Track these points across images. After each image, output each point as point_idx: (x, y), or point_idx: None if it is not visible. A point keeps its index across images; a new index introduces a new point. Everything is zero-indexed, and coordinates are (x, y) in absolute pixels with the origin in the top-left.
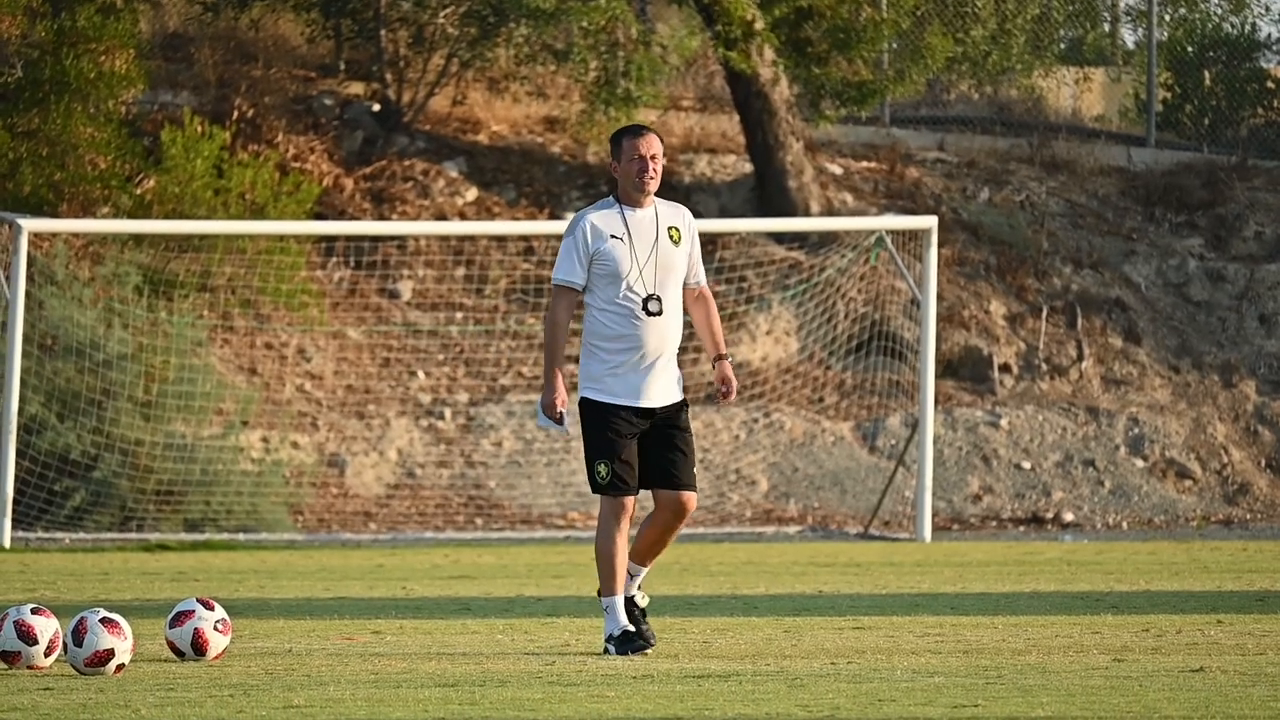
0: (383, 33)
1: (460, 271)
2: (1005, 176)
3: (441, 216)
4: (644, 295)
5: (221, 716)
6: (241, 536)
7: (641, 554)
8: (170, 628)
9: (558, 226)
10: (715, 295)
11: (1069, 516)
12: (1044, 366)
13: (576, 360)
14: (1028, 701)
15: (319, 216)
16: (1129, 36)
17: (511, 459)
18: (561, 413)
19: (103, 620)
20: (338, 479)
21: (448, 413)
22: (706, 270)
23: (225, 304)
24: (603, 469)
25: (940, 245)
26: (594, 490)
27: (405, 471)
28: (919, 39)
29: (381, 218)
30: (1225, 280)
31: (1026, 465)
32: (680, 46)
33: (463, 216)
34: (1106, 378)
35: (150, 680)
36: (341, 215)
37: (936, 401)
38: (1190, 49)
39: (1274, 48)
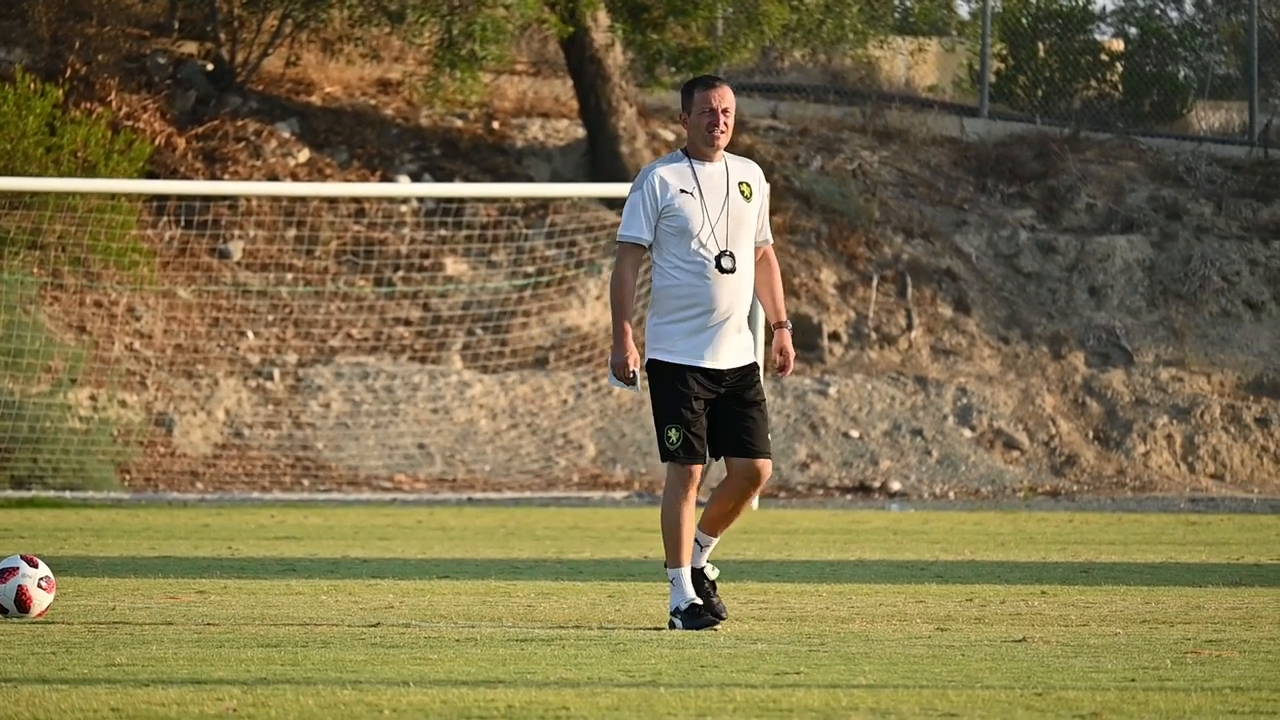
0: None
1: (291, 232)
2: (838, 145)
3: (273, 177)
4: (716, 252)
5: (43, 674)
6: (68, 494)
7: (713, 523)
8: None
9: (389, 189)
10: (545, 260)
11: (896, 485)
12: (873, 335)
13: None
14: (850, 670)
15: (150, 175)
16: (963, 7)
17: (339, 420)
18: (634, 372)
19: None
20: (165, 438)
21: (276, 373)
22: (537, 234)
23: (55, 261)
24: (673, 434)
25: (771, 212)
26: (664, 457)
27: (233, 431)
28: (754, 6)
29: (213, 177)
30: (1056, 252)
31: (854, 434)
32: (520, 6)
33: (294, 177)
34: (936, 347)
35: None
36: (173, 174)
37: (765, 369)
38: (1024, 20)
39: (1107, 20)
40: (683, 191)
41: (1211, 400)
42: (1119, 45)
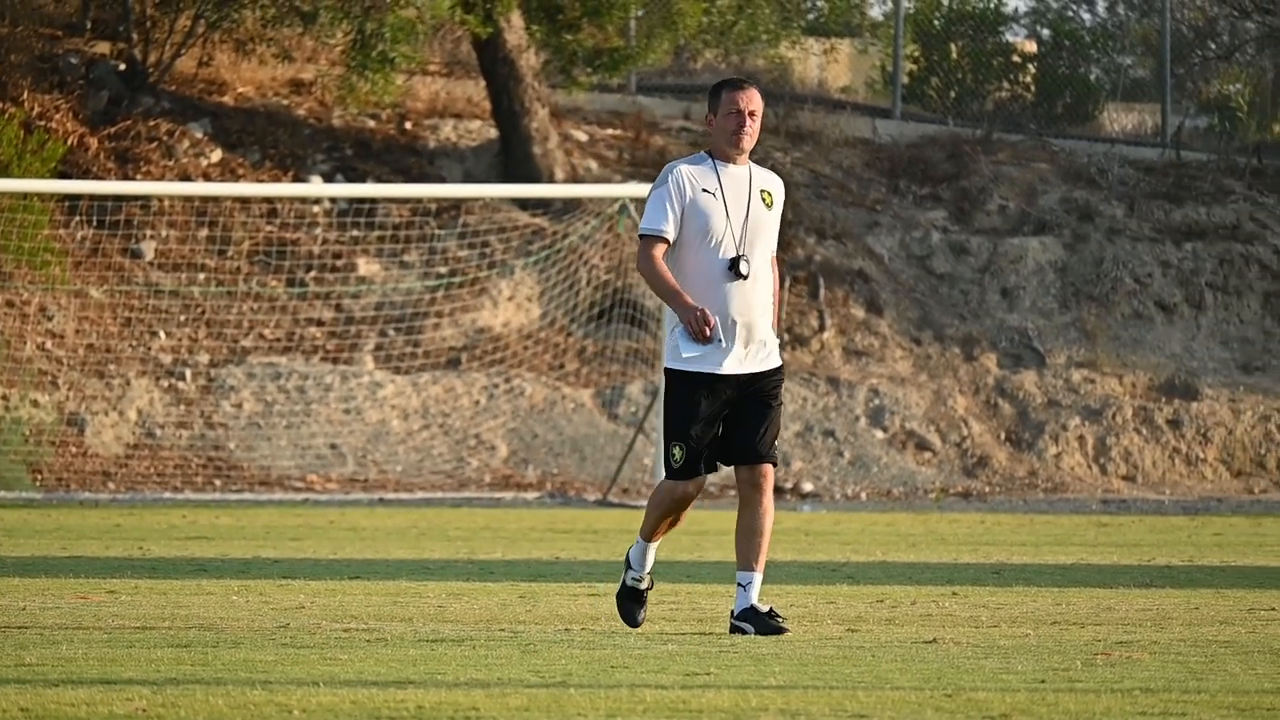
0: None
1: (203, 233)
2: None
3: (186, 177)
4: (732, 256)
5: None
6: None
7: (747, 558)
8: None
9: (301, 189)
10: (457, 261)
11: (808, 486)
12: (786, 336)
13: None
14: (760, 670)
15: (63, 175)
16: (876, 8)
17: (251, 420)
18: (714, 326)
19: None
20: (77, 438)
21: (188, 373)
22: (450, 235)
23: None
24: (677, 452)
25: None
26: (667, 473)
27: (145, 431)
28: (668, 6)
29: (126, 177)
30: (968, 253)
31: None
32: (432, 8)
33: (207, 177)
34: (848, 349)
35: None
36: (86, 174)
37: None
38: (937, 22)
39: (1020, 22)
40: (705, 191)
41: (1123, 402)
42: (1031, 47)
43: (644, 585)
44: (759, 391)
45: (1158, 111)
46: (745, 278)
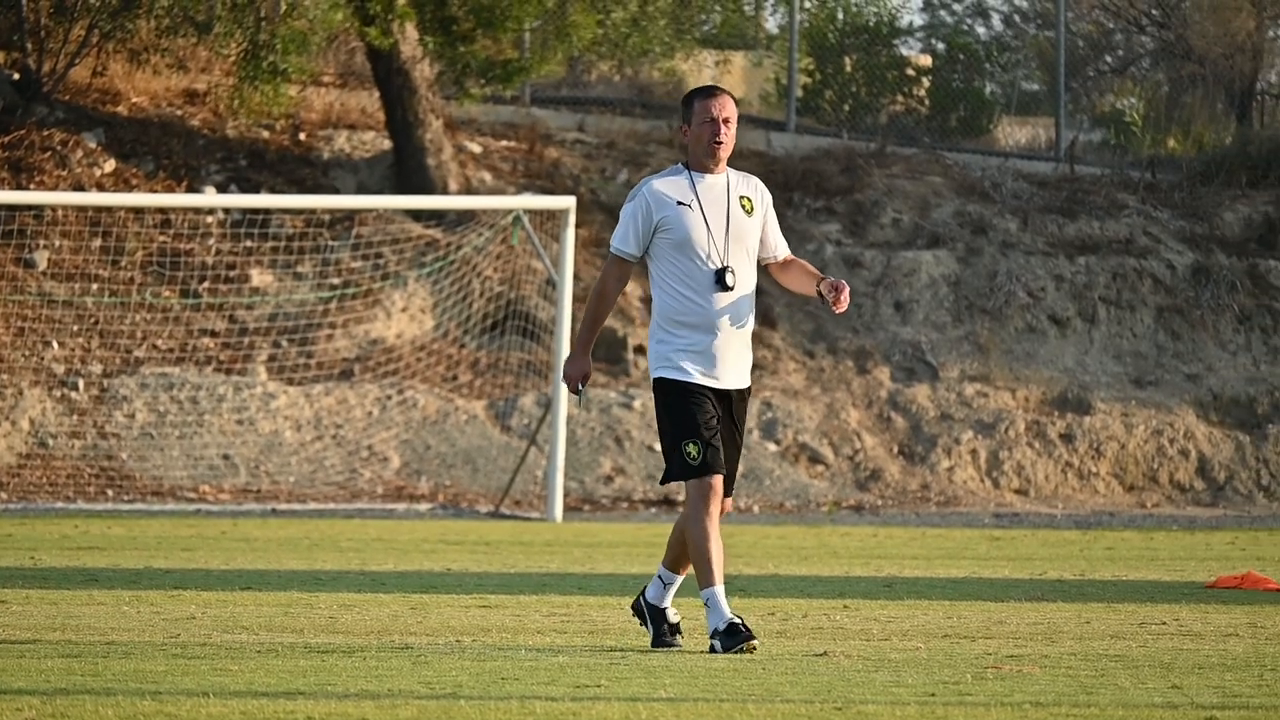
0: (24, 1)
1: (97, 243)
2: (644, 158)
3: (79, 187)
4: (717, 268)
5: None
6: None
7: (675, 560)
8: None
9: (195, 200)
10: (351, 272)
11: None
12: None
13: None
14: (650, 683)
15: None
16: (771, 21)
17: (144, 431)
18: (581, 388)
19: None
20: None
21: (81, 383)
22: (343, 246)
23: None
24: (693, 449)
25: (578, 226)
26: (684, 476)
27: (37, 441)
28: (562, 18)
29: (19, 187)
30: (862, 266)
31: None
32: (324, 20)
33: (100, 187)
34: None
35: None
36: None
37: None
38: (831, 35)
39: (915, 35)
40: (680, 204)
41: (1016, 415)
42: (926, 61)
43: (736, 619)
44: (735, 418)
45: (1052, 125)
46: (731, 289)
